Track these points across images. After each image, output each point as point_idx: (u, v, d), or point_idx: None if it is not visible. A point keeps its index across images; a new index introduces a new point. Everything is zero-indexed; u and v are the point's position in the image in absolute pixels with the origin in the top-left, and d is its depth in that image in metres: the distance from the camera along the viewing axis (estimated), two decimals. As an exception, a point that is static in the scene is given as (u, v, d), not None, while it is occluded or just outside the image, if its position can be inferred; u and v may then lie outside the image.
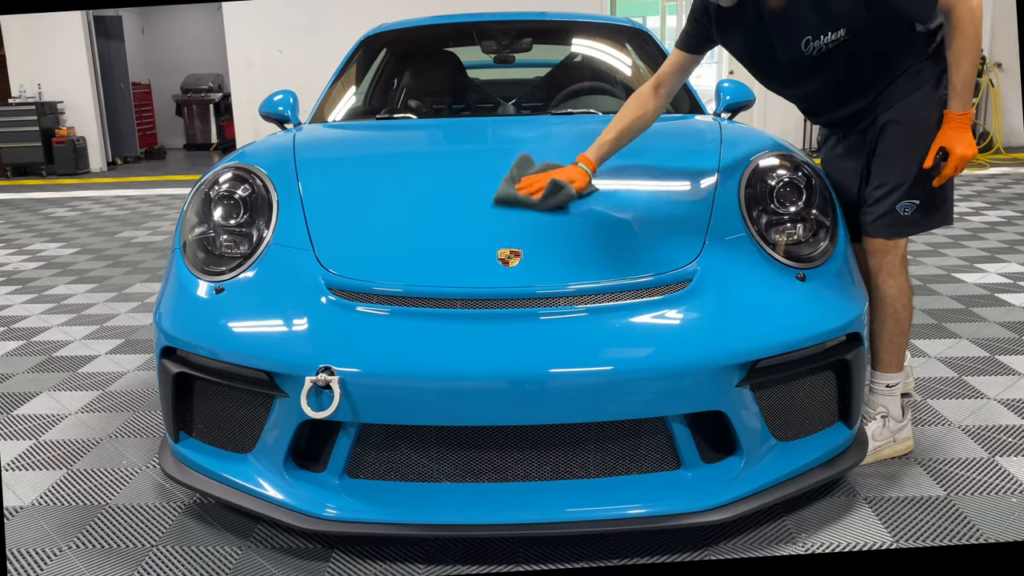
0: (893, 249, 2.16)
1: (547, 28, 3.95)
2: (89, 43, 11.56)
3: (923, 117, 2.08)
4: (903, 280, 2.18)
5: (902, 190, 2.10)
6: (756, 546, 1.89)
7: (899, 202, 2.11)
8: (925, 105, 2.09)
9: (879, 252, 2.17)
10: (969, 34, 1.94)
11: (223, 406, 1.95)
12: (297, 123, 3.16)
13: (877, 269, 2.18)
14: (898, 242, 2.16)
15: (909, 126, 2.10)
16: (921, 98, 2.09)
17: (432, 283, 1.87)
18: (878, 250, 2.17)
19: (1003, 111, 10.07)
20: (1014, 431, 2.44)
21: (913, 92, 2.09)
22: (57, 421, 2.72)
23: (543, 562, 1.84)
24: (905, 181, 2.10)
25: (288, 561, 1.88)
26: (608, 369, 1.72)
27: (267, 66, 10.99)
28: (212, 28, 13.85)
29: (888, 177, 2.13)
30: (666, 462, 1.85)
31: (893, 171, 2.12)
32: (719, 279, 1.90)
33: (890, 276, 2.17)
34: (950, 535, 1.92)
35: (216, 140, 14.53)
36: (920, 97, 2.09)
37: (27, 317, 4.02)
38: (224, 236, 2.12)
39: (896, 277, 2.17)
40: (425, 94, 3.61)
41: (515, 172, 2.20)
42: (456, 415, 1.77)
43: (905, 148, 2.10)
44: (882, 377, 2.25)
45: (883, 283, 2.18)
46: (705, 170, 2.25)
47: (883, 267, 2.17)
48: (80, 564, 1.90)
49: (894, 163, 2.12)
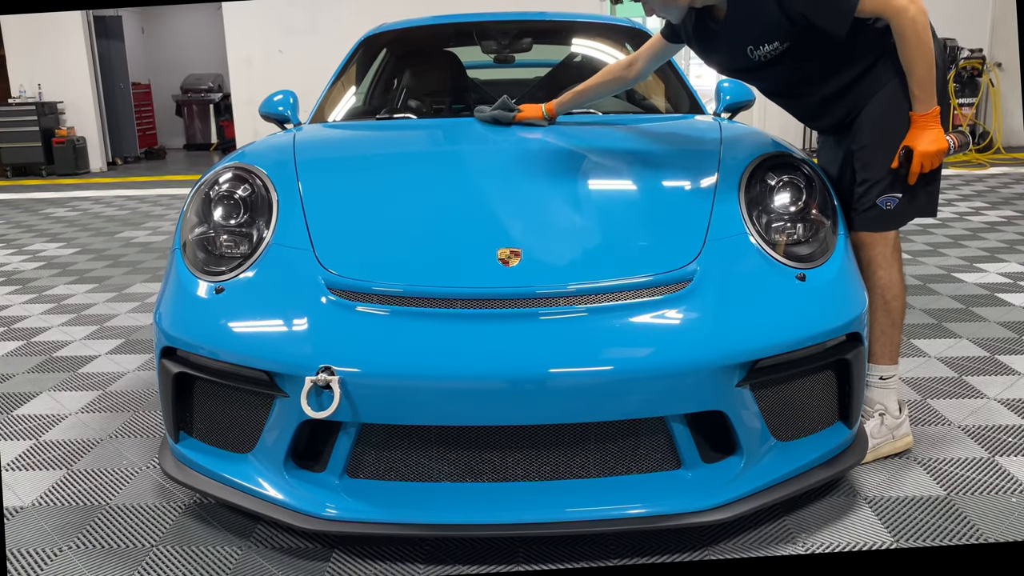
0: (882, 242, 2.20)
1: (547, 28, 3.95)
2: (89, 43, 11.57)
3: (894, 113, 2.14)
4: (894, 272, 2.21)
5: (882, 185, 2.16)
6: (756, 546, 1.89)
7: (879, 196, 2.16)
8: (895, 101, 2.14)
9: (867, 245, 2.21)
10: (913, 41, 2.03)
11: (223, 406, 1.95)
12: (297, 123, 3.16)
13: (868, 261, 2.22)
14: (886, 235, 2.20)
15: (882, 123, 2.16)
16: (890, 94, 2.14)
17: (432, 283, 1.87)
18: (866, 243, 2.21)
19: (1003, 111, 10.06)
20: (1014, 431, 2.44)
21: (882, 87, 2.15)
22: (57, 421, 2.72)
23: (543, 562, 1.84)
24: (883, 176, 2.16)
25: (288, 561, 1.88)
26: (608, 369, 1.72)
27: (267, 66, 11.00)
28: (212, 28, 13.86)
29: (867, 173, 2.19)
30: (666, 462, 1.85)
31: (871, 167, 2.18)
32: (719, 279, 1.90)
33: (879, 267, 2.20)
34: (950, 535, 1.92)
35: (216, 140, 14.53)
36: (889, 94, 2.14)
37: (27, 317, 4.02)
38: (224, 236, 2.12)
39: (886, 268, 2.20)
40: (425, 94, 3.62)
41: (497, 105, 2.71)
42: (456, 415, 1.77)
43: (879, 144, 2.16)
44: (875, 369, 2.26)
45: (873, 274, 2.21)
46: (705, 170, 2.25)
47: (873, 259, 2.21)
48: (80, 564, 1.90)
49: (871, 159, 2.18)
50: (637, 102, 3.36)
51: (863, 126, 2.19)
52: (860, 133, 2.19)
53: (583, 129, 2.81)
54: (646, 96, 3.41)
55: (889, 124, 2.14)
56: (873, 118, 2.17)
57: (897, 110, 2.13)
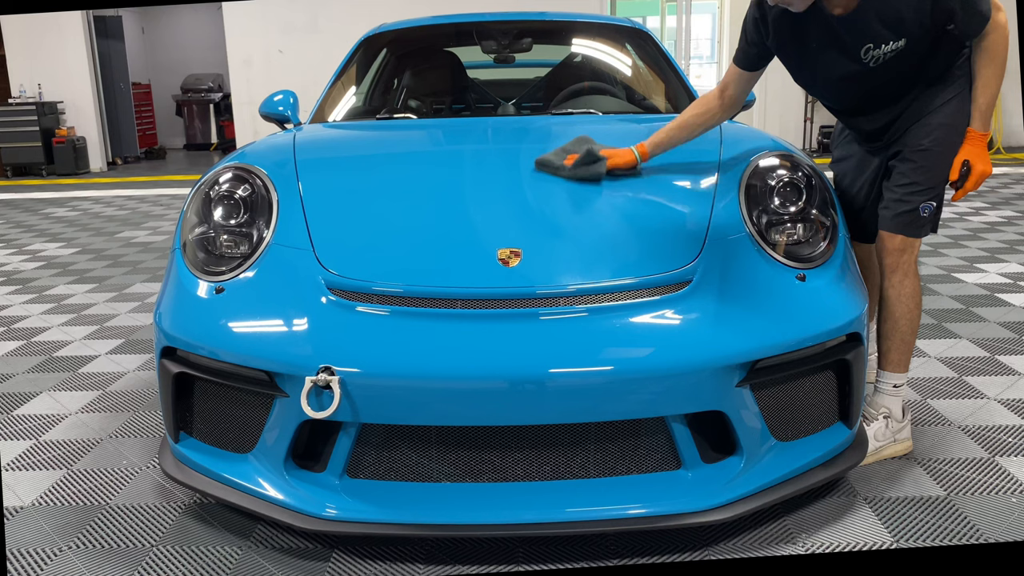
0: (911, 248, 2.17)
1: (547, 28, 3.95)
2: (89, 43, 11.57)
3: (960, 124, 2.11)
4: (916, 281, 2.20)
5: (930, 192, 2.13)
6: (756, 546, 1.89)
7: (923, 202, 2.13)
8: (961, 114, 2.10)
9: (897, 250, 2.17)
10: (1000, 60, 2.00)
11: (223, 406, 1.95)
12: (297, 123, 3.16)
13: (893, 268, 2.18)
14: (915, 241, 2.17)
15: (948, 132, 2.11)
16: (957, 105, 2.11)
17: (432, 283, 1.87)
18: (897, 248, 2.17)
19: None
20: (1014, 431, 2.44)
21: (950, 98, 2.11)
22: (57, 421, 2.72)
23: (543, 562, 1.84)
24: (934, 184, 2.13)
25: (288, 561, 1.88)
26: (608, 369, 1.72)
27: (267, 66, 11.00)
28: (212, 28, 13.86)
29: (919, 176, 2.13)
30: (666, 462, 1.85)
31: (925, 171, 2.13)
32: (719, 279, 1.90)
33: (905, 275, 2.18)
34: (950, 535, 1.92)
35: (216, 140, 14.53)
36: (956, 104, 2.11)
37: (27, 317, 4.02)
38: (224, 236, 2.12)
39: (911, 276, 2.19)
40: (425, 94, 3.62)
41: (570, 145, 2.29)
42: (456, 415, 1.77)
43: (941, 152, 2.11)
44: (890, 377, 2.25)
45: (899, 282, 2.18)
46: (705, 170, 2.25)
47: (899, 266, 2.18)
48: (80, 564, 1.90)
49: (929, 164, 2.13)
50: (637, 102, 3.36)
51: (923, 130, 2.12)
52: (917, 136, 2.13)
53: (583, 129, 2.81)
54: (646, 96, 3.41)
55: (953, 136, 2.10)
56: (938, 125, 2.11)
57: (962, 123, 2.10)
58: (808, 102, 10.56)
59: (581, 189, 2.22)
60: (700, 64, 15.05)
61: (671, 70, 3.43)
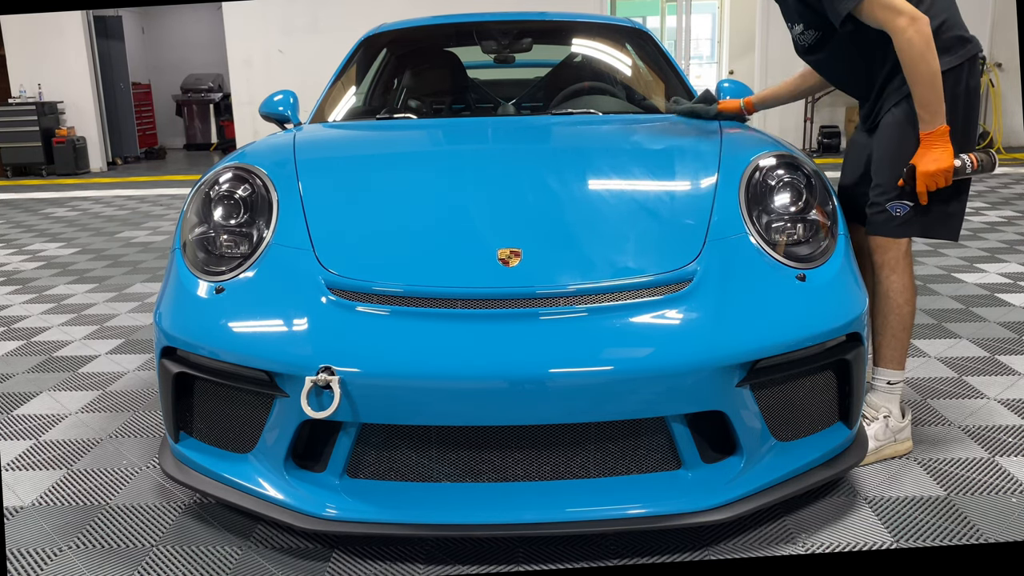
0: (894, 247, 2.20)
1: (547, 28, 3.95)
2: (89, 43, 11.57)
3: (906, 124, 2.14)
4: (907, 277, 2.21)
5: (893, 191, 2.16)
6: (756, 546, 1.89)
7: (890, 202, 2.17)
8: (909, 115, 2.13)
9: (880, 248, 2.22)
10: (910, 62, 2.03)
11: (223, 406, 1.95)
12: (297, 123, 3.16)
13: (880, 264, 2.23)
14: (898, 242, 2.19)
15: (898, 131, 2.16)
16: (906, 107, 2.14)
17: (432, 283, 1.87)
18: (879, 246, 2.22)
19: (1003, 111, 10.07)
20: (1014, 431, 2.44)
21: (902, 99, 2.15)
22: (57, 421, 2.72)
23: (543, 562, 1.84)
24: (893, 183, 2.16)
25: (288, 561, 1.88)
26: (608, 369, 1.72)
27: (267, 66, 11.01)
28: (212, 28, 13.87)
29: (880, 177, 2.20)
30: (666, 462, 1.85)
31: (883, 172, 2.19)
32: (719, 279, 1.90)
33: (892, 271, 2.21)
34: (950, 535, 1.92)
35: (216, 140, 14.54)
36: (907, 105, 2.13)
37: (27, 317, 4.02)
38: (224, 236, 2.12)
39: (899, 273, 2.20)
40: (425, 94, 3.61)
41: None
42: (456, 415, 1.77)
43: (893, 151, 2.16)
44: (884, 373, 2.26)
45: (886, 278, 2.22)
46: (705, 170, 2.25)
47: (885, 263, 2.22)
48: (80, 564, 1.90)
49: (884, 165, 2.19)
50: (637, 102, 3.36)
51: (880, 132, 2.20)
52: (881, 136, 2.20)
53: (583, 129, 2.81)
54: (646, 96, 3.41)
55: (900, 136, 2.14)
56: (885, 125, 2.19)
57: (913, 122, 2.11)
58: (808, 102, 10.56)
59: (581, 189, 2.22)
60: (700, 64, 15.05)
61: (671, 70, 3.43)
